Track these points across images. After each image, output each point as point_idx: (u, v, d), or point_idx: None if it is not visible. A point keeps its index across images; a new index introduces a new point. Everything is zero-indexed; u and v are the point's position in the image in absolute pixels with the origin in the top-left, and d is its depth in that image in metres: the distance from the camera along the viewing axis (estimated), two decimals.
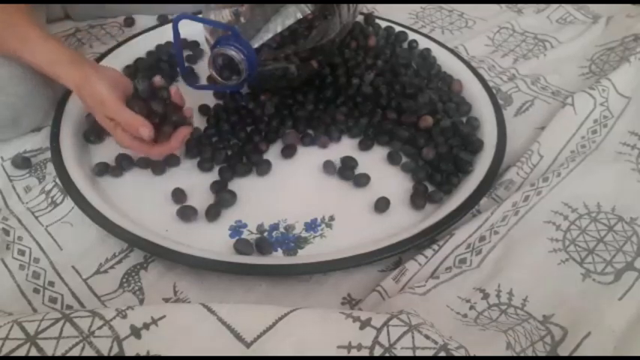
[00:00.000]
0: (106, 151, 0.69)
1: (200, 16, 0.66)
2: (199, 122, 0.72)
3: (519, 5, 0.99)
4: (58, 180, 0.62)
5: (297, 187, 0.66)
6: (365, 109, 0.73)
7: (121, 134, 0.60)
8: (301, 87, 0.75)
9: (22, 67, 0.65)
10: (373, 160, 0.69)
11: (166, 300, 0.55)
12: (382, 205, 0.63)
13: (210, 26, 0.66)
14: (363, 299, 0.55)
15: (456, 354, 0.40)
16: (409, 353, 0.39)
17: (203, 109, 0.74)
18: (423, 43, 0.85)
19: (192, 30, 0.75)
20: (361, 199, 0.64)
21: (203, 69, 0.82)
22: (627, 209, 0.60)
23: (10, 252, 0.58)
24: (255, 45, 0.62)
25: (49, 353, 0.38)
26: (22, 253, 0.58)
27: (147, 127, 0.58)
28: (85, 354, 0.38)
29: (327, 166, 0.67)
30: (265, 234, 0.61)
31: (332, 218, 0.62)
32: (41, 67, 0.62)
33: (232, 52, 0.60)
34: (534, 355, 0.46)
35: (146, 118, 0.58)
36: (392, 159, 0.69)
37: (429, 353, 0.39)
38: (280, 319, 0.41)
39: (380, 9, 0.96)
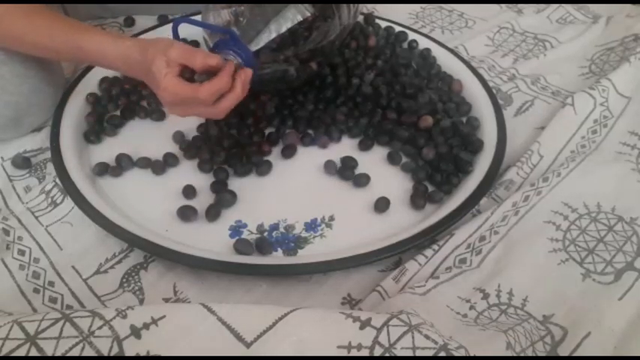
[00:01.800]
0: (106, 151, 0.69)
1: (200, 16, 0.66)
2: (198, 122, 0.72)
3: (519, 5, 0.99)
4: (58, 180, 0.62)
5: (297, 187, 0.66)
6: (365, 109, 0.73)
7: (172, 77, 0.55)
8: (301, 87, 0.75)
9: (23, 66, 0.66)
10: (373, 160, 0.69)
11: (166, 300, 0.55)
12: (382, 205, 0.63)
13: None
14: (363, 299, 0.55)
15: (456, 354, 0.40)
16: (409, 353, 0.39)
17: None
18: (423, 43, 0.85)
19: (192, 30, 0.75)
20: (361, 199, 0.64)
21: None
22: (627, 209, 0.60)
23: (10, 252, 0.58)
24: (254, 48, 0.62)
25: (49, 353, 0.38)
26: (22, 253, 0.58)
27: (214, 56, 0.56)
28: (85, 354, 0.38)
29: (327, 166, 0.67)
30: (265, 234, 0.61)
31: (332, 218, 0.62)
32: (105, 46, 0.60)
33: (230, 57, 0.60)
34: (534, 355, 0.46)
35: None
36: (392, 159, 0.69)
37: (429, 353, 0.39)
38: (280, 319, 0.41)
39: (380, 9, 0.96)
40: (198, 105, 0.57)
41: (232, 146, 0.68)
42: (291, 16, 0.63)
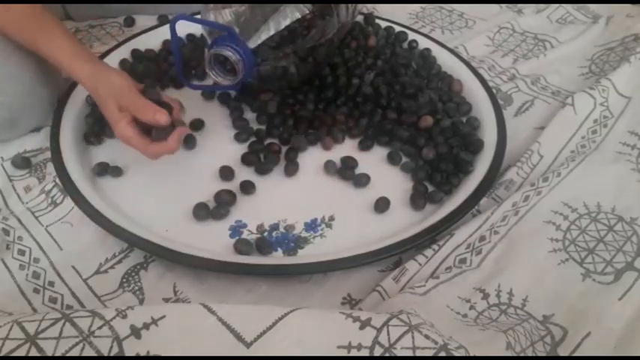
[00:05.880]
0: (106, 152, 0.69)
1: (198, 16, 0.66)
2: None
3: (519, 5, 0.99)
4: (58, 180, 0.62)
5: (297, 187, 0.66)
6: (365, 109, 0.73)
7: (125, 127, 0.58)
8: (302, 87, 0.75)
9: (18, 67, 0.65)
10: (373, 160, 0.69)
11: (166, 300, 0.55)
12: (382, 205, 0.63)
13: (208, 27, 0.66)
14: (363, 299, 0.55)
15: (456, 354, 0.40)
16: (409, 353, 0.39)
17: None
18: (423, 43, 0.85)
19: (191, 30, 0.75)
20: (361, 199, 0.64)
21: (202, 69, 0.82)
22: (627, 209, 0.60)
23: (10, 252, 0.58)
24: (252, 45, 0.62)
25: (49, 353, 0.38)
26: (22, 253, 0.58)
27: (163, 113, 0.58)
28: (85, 354, 0.38)
29: (327, 166, 0.67)
30: (265, 234, 0.61)
31: (332, 218, 0.62)
32: (61, 60, 0.61)
33: (228, 53, 0.60)
34: (534, 355, 0.46)
35: None
36: (392, 159, 0.69)
37: (429, 353, 0.39)
38: (280, 319, 0.41)
39: (380, 9, 0.96)
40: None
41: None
42: (290, 14, 0.63)
